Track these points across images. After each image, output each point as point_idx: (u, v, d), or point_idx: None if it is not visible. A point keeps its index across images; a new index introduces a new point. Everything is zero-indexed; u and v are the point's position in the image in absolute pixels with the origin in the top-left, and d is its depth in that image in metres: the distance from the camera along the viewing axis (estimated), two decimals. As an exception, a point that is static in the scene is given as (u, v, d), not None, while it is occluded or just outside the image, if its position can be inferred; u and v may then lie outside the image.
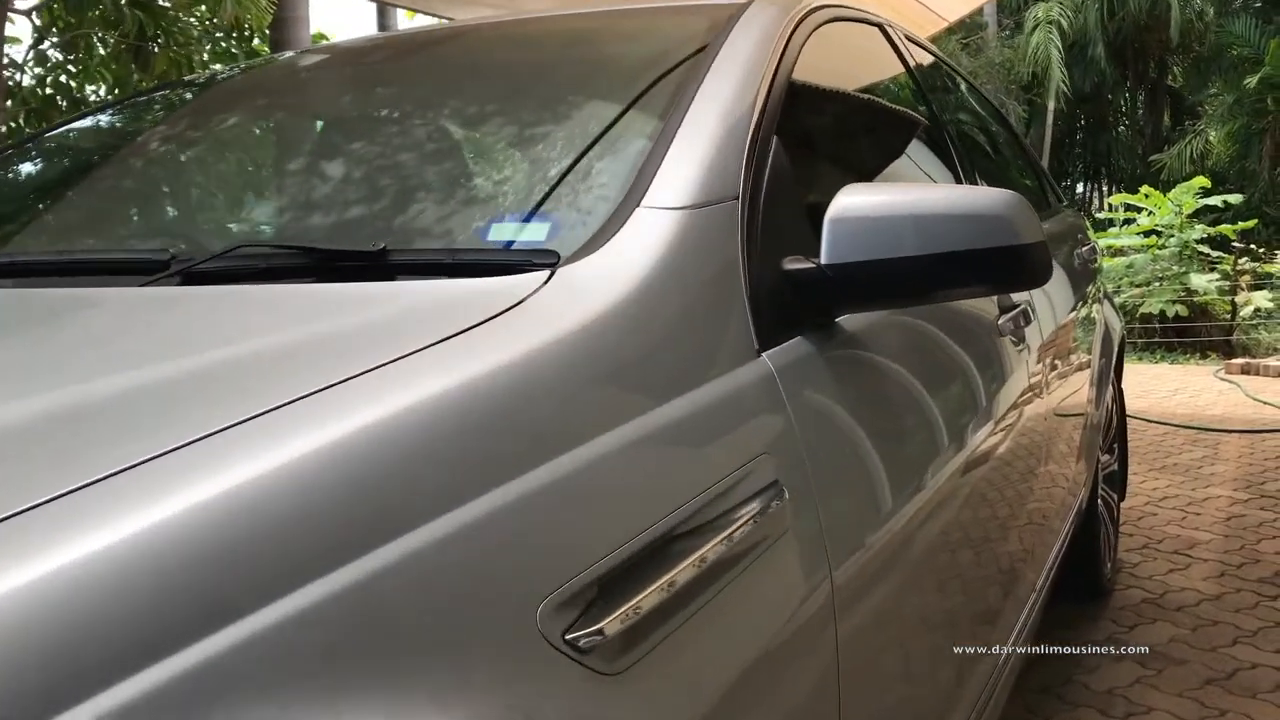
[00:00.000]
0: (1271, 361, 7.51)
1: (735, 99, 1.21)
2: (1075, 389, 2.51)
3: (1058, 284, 2.58)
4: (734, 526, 0.87)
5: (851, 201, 1.12)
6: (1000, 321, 1.80)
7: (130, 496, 0.55)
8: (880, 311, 1.31)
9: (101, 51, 8.48)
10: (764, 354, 1.04)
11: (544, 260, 0.95)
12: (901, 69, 2.08)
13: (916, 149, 2.09)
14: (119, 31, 7.51)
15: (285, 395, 0.66)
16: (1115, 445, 3.43)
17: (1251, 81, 14.25)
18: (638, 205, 1.03)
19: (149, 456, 0.58)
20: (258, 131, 1.62)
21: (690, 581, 0.80)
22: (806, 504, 1.00)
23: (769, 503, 0.93)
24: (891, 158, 1.91)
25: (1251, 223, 9.88)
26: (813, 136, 1.57)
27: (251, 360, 0.75)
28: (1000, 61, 16.87)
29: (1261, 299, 9.02)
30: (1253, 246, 10.06)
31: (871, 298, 1.15)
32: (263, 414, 0.64)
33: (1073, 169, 22.22)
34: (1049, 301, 2.34)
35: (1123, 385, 3.57)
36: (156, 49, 7.68)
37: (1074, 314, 2.63)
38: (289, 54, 2.08)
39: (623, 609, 0.73)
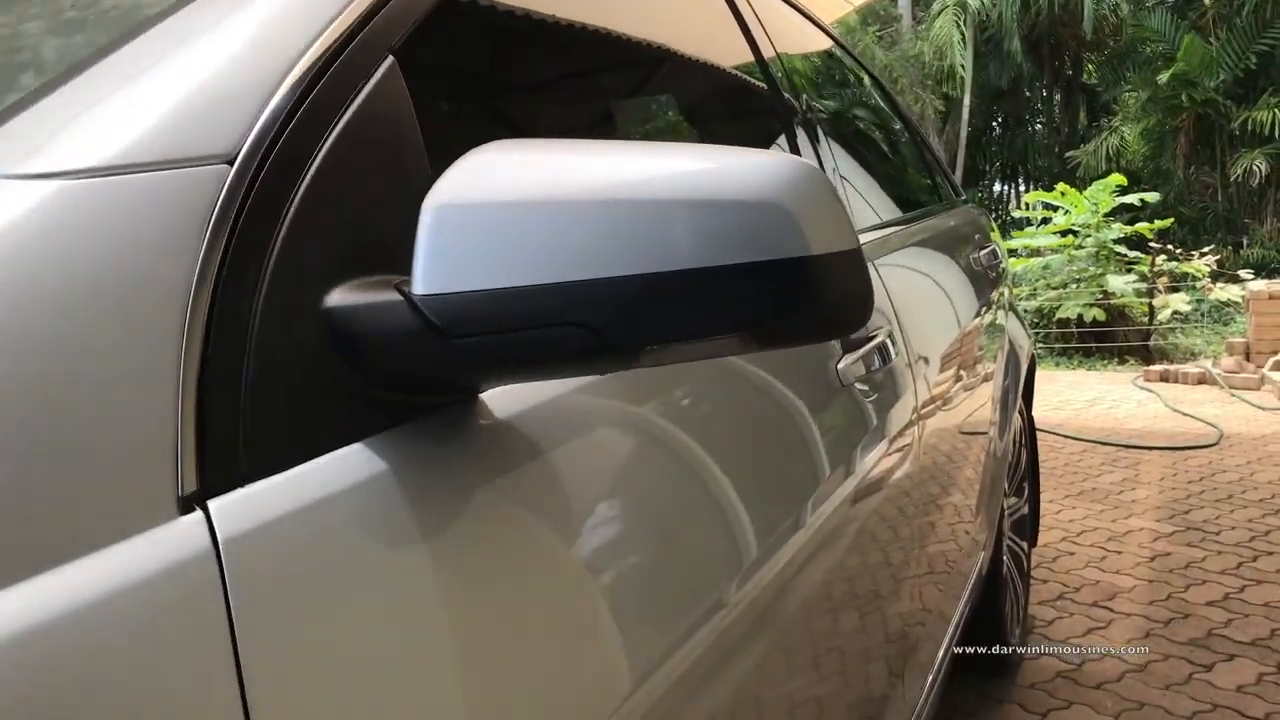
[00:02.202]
0: (1190, 368, 7.19)
1: (283, 7, 0.64)
2: (969, 425, 1.96)
3: (954, 293, 2.03)
4: None
5: (476, 173, 0.54)
6: (841, 366, 1.23)
7: None
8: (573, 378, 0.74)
9: None
10: (207, 504, 0.47)
11: None
12: (728, 14, 1.51)
13: (722, 125, 1.52)
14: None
15: None
16: (1025, 484, 2.91)
17: (1165, 78, 14.09)
18: None
19: None
20: None
21: None
22: None
23: None
24: (656, 134, 1.33)
25: (1168, 222, 9.60)
26: (499, 88, 0.99)
27: None
28: (914, 54, 16.46)
29: (1179, 302, 8.73)
30: (1170, 247, 9.79)
31: (514, 362, 0.56)
32: None
33: (990, 167, 22.09)
34: (929, 322, 1.78)
35: (1033, 413, 3.06)
36: None
37: (969, 331, 2.08)
38: None
39: None
